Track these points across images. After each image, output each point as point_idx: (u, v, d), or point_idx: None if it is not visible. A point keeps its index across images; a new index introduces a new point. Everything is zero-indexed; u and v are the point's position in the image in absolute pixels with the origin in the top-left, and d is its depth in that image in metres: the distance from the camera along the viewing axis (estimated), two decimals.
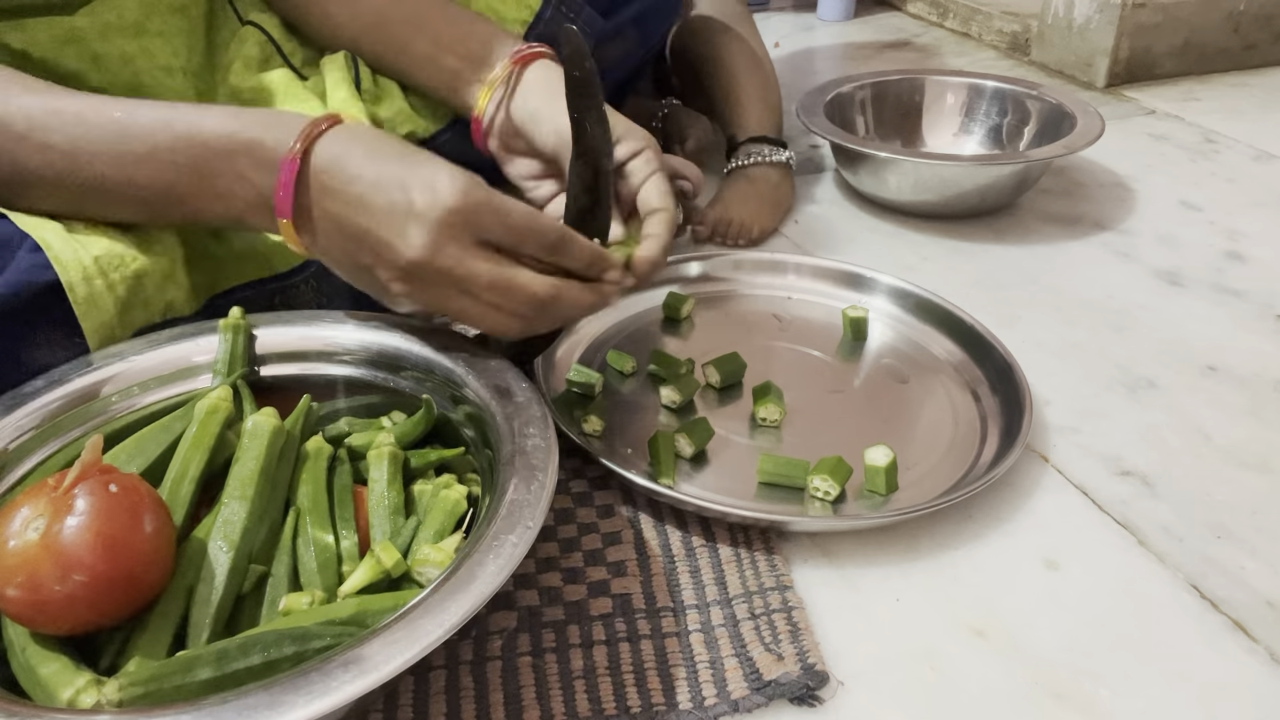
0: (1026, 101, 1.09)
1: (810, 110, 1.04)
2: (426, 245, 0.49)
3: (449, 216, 0.48)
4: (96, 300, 0.53)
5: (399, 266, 0.50)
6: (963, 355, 0.74)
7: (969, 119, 1.13)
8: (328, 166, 0.51)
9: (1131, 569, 0.58)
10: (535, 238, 0.51)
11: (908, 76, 1.15)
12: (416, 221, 0.49)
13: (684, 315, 0.80)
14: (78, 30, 0.63)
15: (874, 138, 1.13)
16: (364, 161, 0.51)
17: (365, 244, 0.51)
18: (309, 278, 0.66)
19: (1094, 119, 1.00)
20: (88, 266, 0.52)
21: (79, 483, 0.40)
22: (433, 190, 0.49)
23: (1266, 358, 0.78)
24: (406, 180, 0.49)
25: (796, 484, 0.61)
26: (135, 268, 0.54)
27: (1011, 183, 0.97)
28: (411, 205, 0.49)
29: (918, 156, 1.01)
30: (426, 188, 0.49)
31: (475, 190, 0.49)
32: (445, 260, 0.49)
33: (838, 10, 1.79)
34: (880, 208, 1.02)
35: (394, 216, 0.49)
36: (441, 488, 0.51)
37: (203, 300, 0.62)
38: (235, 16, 0.76)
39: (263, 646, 0.40)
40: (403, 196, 0.49)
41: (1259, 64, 1.46)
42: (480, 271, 0.50)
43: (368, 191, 0.50)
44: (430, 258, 0.49)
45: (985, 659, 0.52)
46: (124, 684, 0.38)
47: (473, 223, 0.49)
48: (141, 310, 0.56)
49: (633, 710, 0.48)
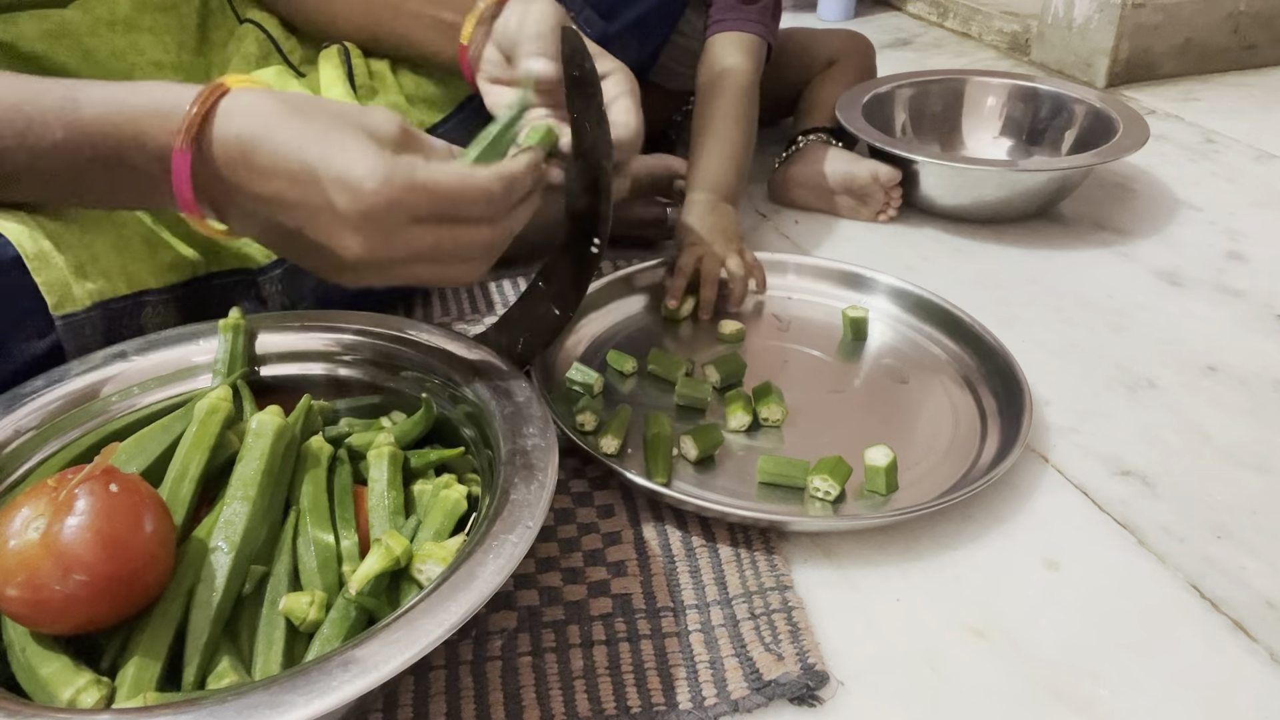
0: (1072, 105, 1.08)
1: (848, 109, 1.04)
2: (363, 245, 0.46)
3: (376, 213, 0.45)
4: (47, 258, 0.52)
5: (341, 266, 0.48)
6: (963, 355, 0.74)
7: (1010, 122, 1.12)
8: (229, 157, 0.47)
9: (1131, 569, 0.58)
10: (472, 202, 0.48)
11: (948, 78, 1.15)
12: (344, 225, 0.46)
13: (683, 316, 0.80)
14: (68, 24, 0.63)
15: (912, 139, 1.12)
16: (268, 152, 0.46)
17: (300, 243, 0.48)
18: (274, 278, 0.66)
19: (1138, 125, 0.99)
20: (33, 229, 0.52)
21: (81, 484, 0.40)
22: (350, 189, 0.45)
23: (1266, 358, 0.78)
24: (319, 174, 0.45)
25: (796, 484, 0.61)
26: (83, 237, 0.54)
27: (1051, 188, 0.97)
28: (334, 209, 0.45)
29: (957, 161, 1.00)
30: (342, 187, 0.45)
31: (395, 173, 0.45)
32: (386, 251, 0.47)
33: (838, 10, 1.79)
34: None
35: (319, 220, 0.46)
36: (441, 488, 0.51)
37: (181, 277, 0.62)
38: (233, 14, 0.76)
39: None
40: (322, 198, 0.45)
41: (1259, 64, 1.46)
42: (425, 245, 0.47)
43: (283, 190, 0.46)
44: (369, 253, 0.46)
45: (985, 659, 0.52)
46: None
47: (403, 208, 0.46)
48: (102, 280, 0.55)
49: (633, 710, 0.48)
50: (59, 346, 0.54)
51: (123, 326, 0.57)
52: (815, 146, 1.03)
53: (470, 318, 0.82)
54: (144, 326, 0.58)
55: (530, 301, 0.61)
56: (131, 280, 0.58)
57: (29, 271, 0.51)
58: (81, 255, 0.54)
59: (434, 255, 0.48)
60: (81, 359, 0.54)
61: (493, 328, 0.62)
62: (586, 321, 0.78)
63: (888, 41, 1.67)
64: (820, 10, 1.80)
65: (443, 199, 0.47)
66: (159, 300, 0.59)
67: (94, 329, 0.55)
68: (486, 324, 0.78)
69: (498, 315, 0.75)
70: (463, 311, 0.83)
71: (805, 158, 1.02)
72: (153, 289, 0.59)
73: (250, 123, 0.46)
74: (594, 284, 0.79)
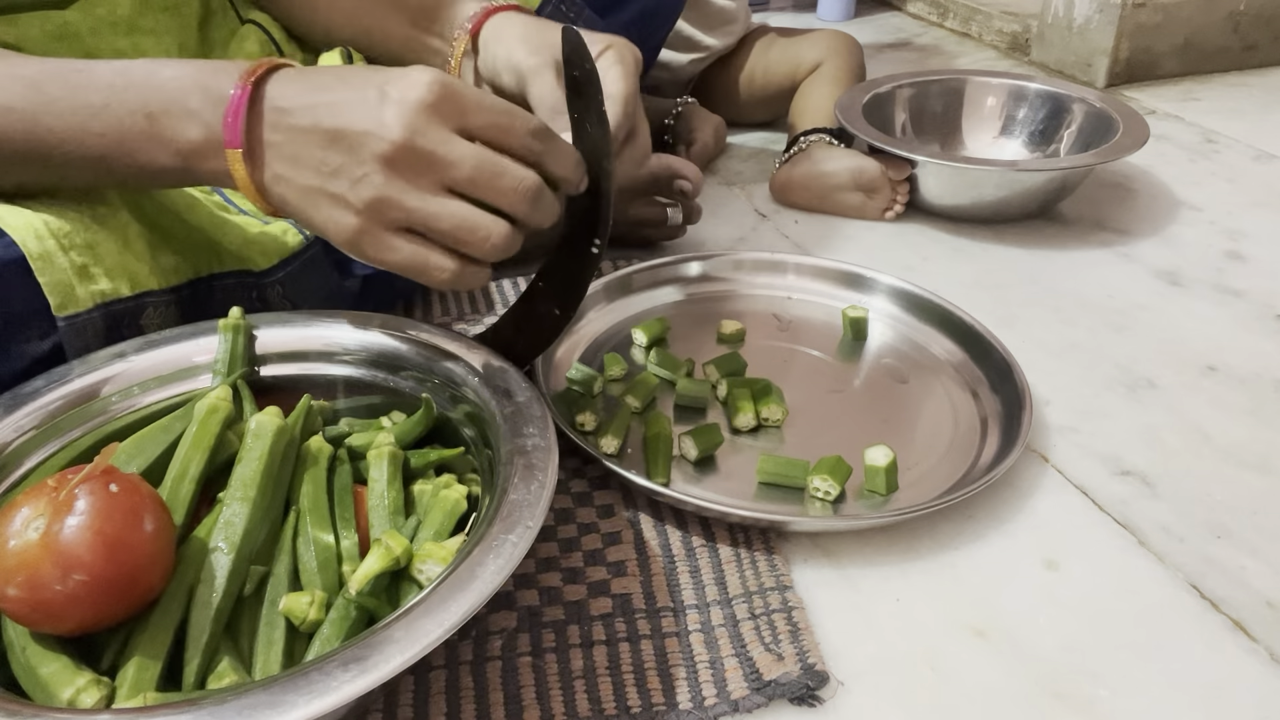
0: (1072, 105, 1.08)
1: (848, 109, 1.04)
2: (406, 125, 0.46)
3: (428, 97, 0.46)
4: (51, 258, 0.52)
5: (376, 158, 0.47)
6: (963, 355, 0.74)
7: (1010, 122, 1.12)
8: (284, 91, 0.50)
9: (1131, 569, 0.58)
10: (519, 122, 0.49)
11: (948, 78, 1.15)
12: (394, 106, 0.47)
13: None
14: (70, 26, 0.63)
15: (912, 138, 1.12)
16: (326, 76, 0.50)
17: (337, 147, 0.48)
18: (275, 282, 0.66)
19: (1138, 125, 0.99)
20: (39, 228, 0.52)
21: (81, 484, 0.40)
22: (406, 78, 0.47)
23: (1266, 358, 0.78)
24: (374, 78, 0.48)
25: (796, 484, 0.61)
26: (87, 237, 0.54)
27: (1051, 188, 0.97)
28: (386, 95, 0.47)
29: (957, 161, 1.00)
30: (399, 77, 0.47)
31: (451, 81, 0.48)
32: (427, 142, 0.47)
33: (838, 10, 1.79)
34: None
35: (368, 107, 0.47)
36: (441, 488, 0.51)
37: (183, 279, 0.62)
38: (235, 15, 0.76)
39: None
40: (375, 92, 0.47)
41: (1259, 64, 1.46)
42: (466, 154, 0.47)
43: (336, 98, 0.48)
44: (411, 138, 0.46)
45: (985, 659, 0.52)
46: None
47: (453, 105, 0.47)
48: (105, 281, 0.56)
49: (633, 710, 0.48)
50: (60, 347, 0.54)
51: (124, 327, 0.57)
52: (818, 147, 1.03)
53: (470, 318, 0.82)
54: (145, 328, 0.58)
55: (530, 301, 0.61)
56: (134, 281, 0.58)
57: (33, 272, 0.51)
58: (86, 256, 0.54)
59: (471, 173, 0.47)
60: (82, 359, 0.54)
61: (493, 328, 0.62)
62: (586, 321, 0.78)
63: (888, 41, 1.67)
64: (820, 10, 1.80)
65: (492, 111, 0.48)
66: (161, 302, 0.59)
67: (96, 330, 0.55)
68: (486, 324, 0.78)
69: (498, 315, 0.75)
70: (463, 311, 0.83)
71: (808, 158, 1.02)
72: (155, 290, 0.59)
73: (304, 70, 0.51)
74: (594, 284, 0.79)
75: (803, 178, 1.02)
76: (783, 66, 1.18)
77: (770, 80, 1.20)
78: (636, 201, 0.90)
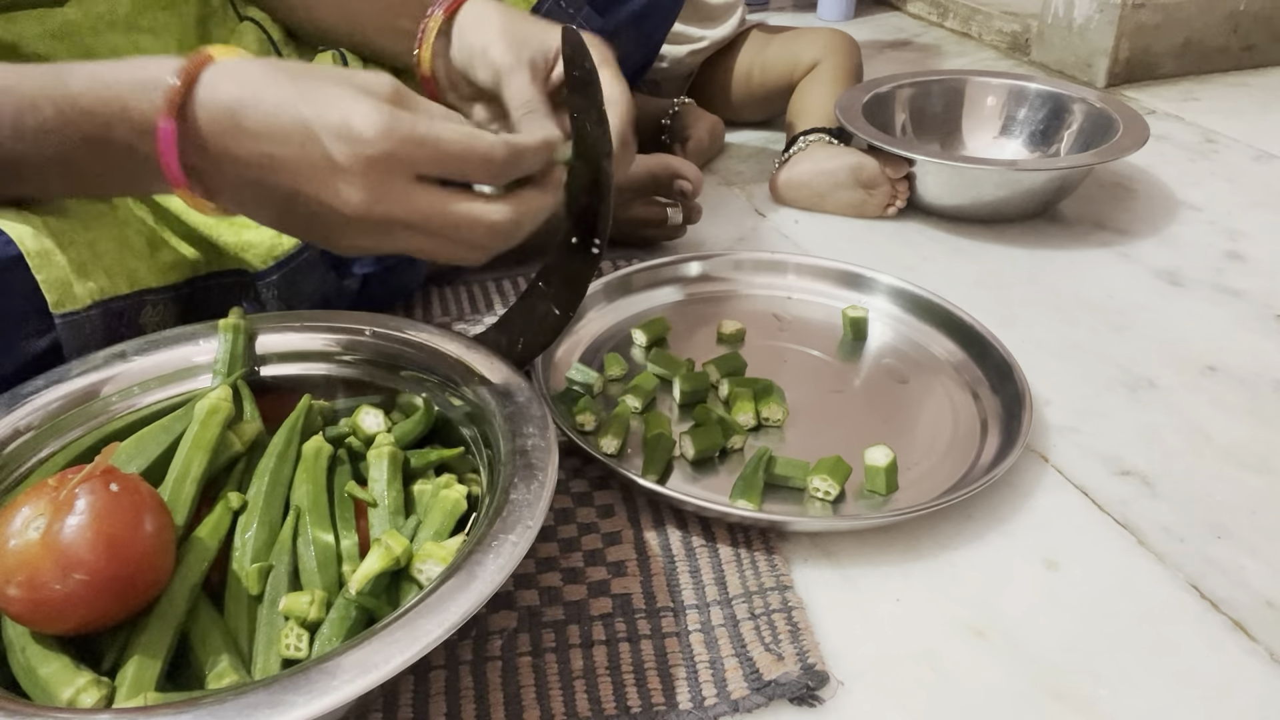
0: (1072, 105, 1.08)
1: (848, 108, 1.04)
2: (363, 199, 0.44)
3: (377, 163, 0.44)
4: (48, 255, 0.52)
5: (339, 225, 0.46)
6: (963, 355, 0.74)
7: (1010, 122, 1.12)
8: (217, 124, 0.45)
9: (1131, 569, 0.58)
10: (479, 164, 0.46)
11: (948, 78, 1.15)
12: (344, 177, 0.44)
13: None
14: (69, 24, 0.63)
15: (912, 138, 1.12)
16: (259, 114, 0.45)
17: (296, 206, 0.46)
18: (272, 283, 0.66)
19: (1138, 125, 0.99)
20: (37, 226, 0.52)
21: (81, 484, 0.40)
22: (349, 139, 0.44)
23: (1266, 358, 0.78)
24: (315, 128, 0.44)
25: (796, 484, 0.61)
26: (85, 234, 0.54)
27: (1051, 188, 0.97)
28: (332, 161, 0.44)
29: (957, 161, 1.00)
30: (341, 138, 0.44)
31: (397, 125, 0.44)
32: (387, 208, 0.45)
33: (838, 10, 1.78)
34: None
35: (317, 174, 0.44)
36: (441, 488, 0.51)
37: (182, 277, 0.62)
38: (234, 13, 0.76)
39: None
40: (319, 151, 0.44)
41: (1259, 64, 1.46)
42: (429, 211, 0.46)
43: (277, 150, 0.45)
44: (369, 210, 0.45)
45: (985, 659, 0.52)
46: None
47: (405, 161, 0.44)
48: (104, 278, 0.55)
49: (633, 710, 0.48)
50: (58, 345, 0.54)
51: (122, 325, 0.57)
52: (818, 146, 1.03)
53: (470, 318, 0.82)
54: (143, 326, 0.58)
55: (530, 301, 0.61)
56: (132, 279, 0.58)
57: (30, 269, 0.51)
58: (84, 253, 0.54)
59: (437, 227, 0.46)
60: (81, 359, 0.54)
61: (493, 328, 0.62)
62: (586, 321, 0.78)
63: (888, 41, 1.67)
64: (820, 10, 1.80)
65: (445, 155, 0.45)
66: (159, 300, 0.59)
67: (94, 328, 0.55)
68: (486, 324, 0.78)
69: (498, 315, 0.75)
70: (463, 311, 0.82)
71: (809, 157, 1.02)
72: (153, 288, 0.59)
73: (237, 88, 0.45)
74: (594, 284, 0.79)
75: (803, 177, 1.02)
76: (780, 65, 1.18)
77: (767, 79, 1.20)
78: (636, 201, 0.90)
